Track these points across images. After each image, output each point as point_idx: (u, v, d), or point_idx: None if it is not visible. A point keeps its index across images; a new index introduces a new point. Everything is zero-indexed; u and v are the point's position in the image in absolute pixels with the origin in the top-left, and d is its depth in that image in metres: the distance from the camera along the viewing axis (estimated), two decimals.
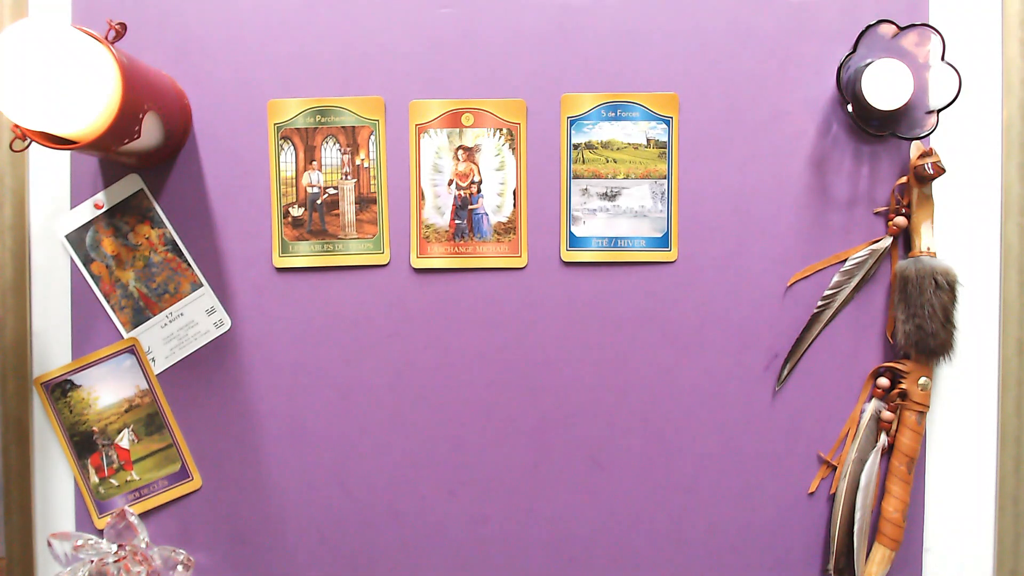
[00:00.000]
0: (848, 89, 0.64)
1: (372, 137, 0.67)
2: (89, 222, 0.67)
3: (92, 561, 0.63)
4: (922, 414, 0.65)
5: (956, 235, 0.67)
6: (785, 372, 0.67)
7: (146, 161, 0.65)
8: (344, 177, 0.67)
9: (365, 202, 0.67)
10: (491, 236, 0.67)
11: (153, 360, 0.67)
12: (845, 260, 0.66)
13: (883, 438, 0.66)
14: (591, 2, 0.66)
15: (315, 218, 0.67)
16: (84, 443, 0.67)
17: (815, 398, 0.67)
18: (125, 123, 0.56)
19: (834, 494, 0.67)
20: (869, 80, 0.62)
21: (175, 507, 0.68)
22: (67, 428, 0.67)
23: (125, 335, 0.67)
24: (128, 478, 0.67)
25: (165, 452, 0.67)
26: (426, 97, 0.67)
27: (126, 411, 0.67)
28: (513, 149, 0.67)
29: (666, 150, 0.67)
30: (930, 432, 0.67)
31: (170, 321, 0.67)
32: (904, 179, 0.66)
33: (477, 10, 0.66)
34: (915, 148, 0.65)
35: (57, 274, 0.68)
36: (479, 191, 0.67)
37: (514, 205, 0.67)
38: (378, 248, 0.67)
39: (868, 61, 0.63)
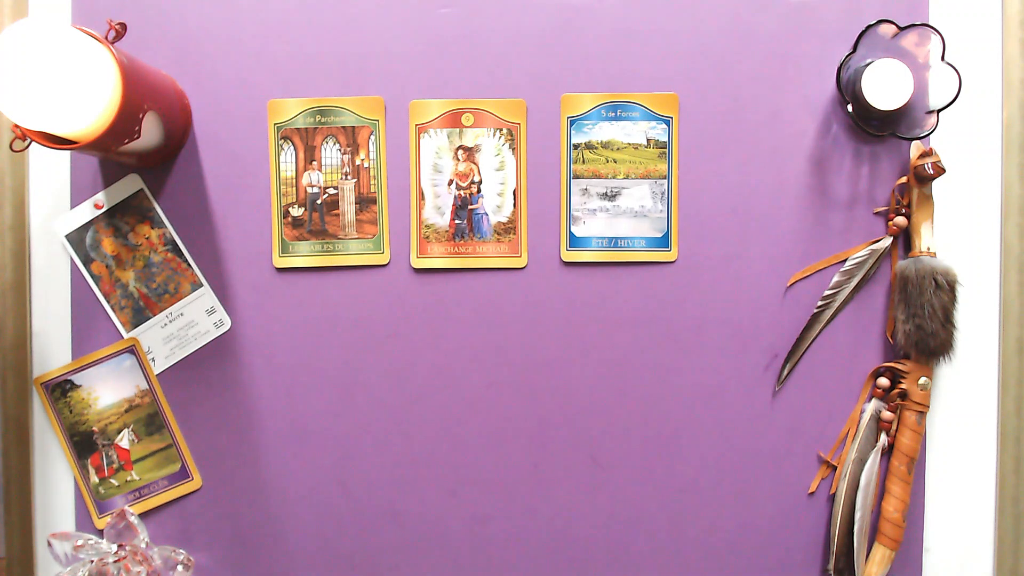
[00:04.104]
0: (848, 89, 0.64)
1: (372, 137, 0.67)
2: (89, 222, 0.67)
3: (92, 561, 0.63)
4: (922, 414, 0.65)
5: (956, 235, 0.67)
6: (785, 372, 0.67)
7: (146, 161, 0.65)
8: (344, 177, 0.67)
9: (365, 202, 0.67)
10: (491, 236, 0.67)
11: (153, 360, 0.67)
12: (845, 260, 0.66)
13: (883, 438, 0.66)
14: (591, 2, 0.66)
15: (315, 218, 0.67)
16: (84, 443, 0.67)
17: (815, 398, 0.67)
18: (125, 123, 0.56)
19: (834, 494, 0.67)
20: (869, 80, 0.62)
21: (175, 507, 0.68)
22: (67, 428, 0.67)
23: (125, 335, 0.67)
24: (128, 478, 0.67)
25: (165, 452, 0.67)
26: (426, 97, 0.67)
27: (126, 411, 0.67)
28: (513, 149, 0.67)
29: (666, 150, 0.67)
30: (930, 432, 0.67)
31: (170, 321, 0.67)
32: (904, 179, 0.66)
33: (477, 10, 0.66)
34: (915, 148, 0.65)
35: (57, 274, 0.68)
36: (479, 191, 0.67)
37: (514, 205, 0.67)
38: (378, 248, 0.67)
39: (868, 61, 0.63)
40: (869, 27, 0.62)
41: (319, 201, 0.67)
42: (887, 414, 0.66)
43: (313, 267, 0.67)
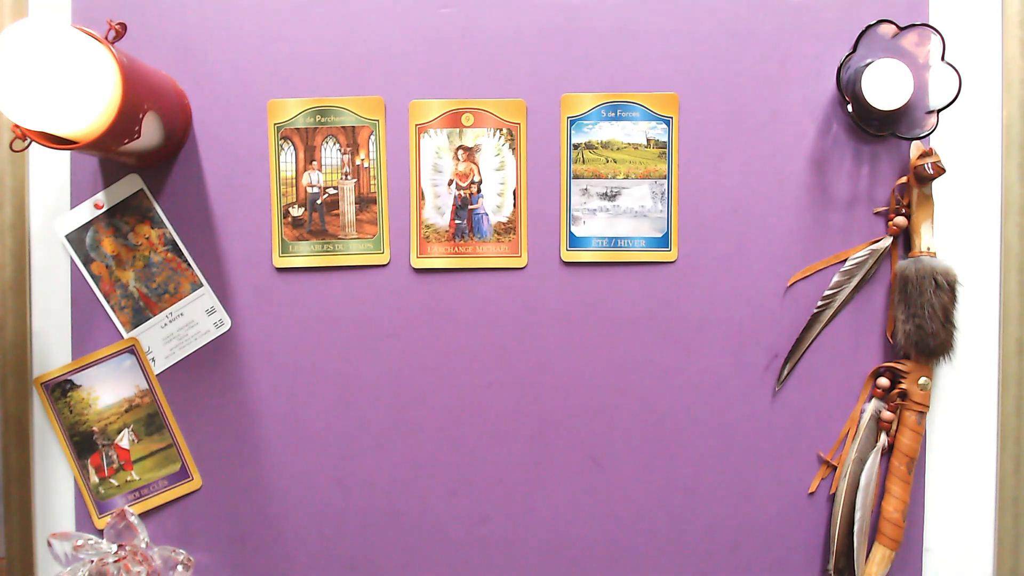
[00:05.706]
0: (848, 89, 0.64)
1: (372, 137, 0.67)
2: (89, 222, 0.67)
3: (92, 561, 0.63)
4: (922, 414, 0.65)
5: (956, 235, 0.67)
6: (785, 372, 0.67)
7: (146, 161, 0.65)
8: (344, 177, 0.67)
9: (365, 202, 0.67)
10: (491, 236, 0.67)
11: (153, 360, 0.67)
12: (845, 260, 0.66)
13: (883, 438, 0.66)
14: (591, 2, 0.66)
15: (315, 218, 0.67)
16: (84, 443, 0.67)
17: (815, 398, 0.67)
18: (125, 123, 0.56)
19: (834, 494, 0.67)
20: (869, 80, 0.62)
21: (175, 507, 0.68)
22: (67, 428, 0.67)
23: (125, 335, 0.67)
24: (128, 478, 0.67)
25: (165, 452, 0.67)
26: (426, 97, 0.67)
27: (126, 411, 0.67)
28: (513, 149, 0.67)
29: (666, 150, 0.67)
30: (930, 432, 0.67)
31: (170, 321, 0.67)
32: (904, 179, 0.66)
33: (477, 10, 0.66)
34: (915, 148, 0.65)
35: (57, 274, 0.68)
36: (479, 191, 0.67)
37: (514, 205, 0.67)
38: (378, 248, 0.67)
39: (868, 61, 0.63)
40: (869, 27, 0.62)
41: (319, 201, 0.67)
42: (887, 414, 0.66)
43: (313, 267, 0.67)
